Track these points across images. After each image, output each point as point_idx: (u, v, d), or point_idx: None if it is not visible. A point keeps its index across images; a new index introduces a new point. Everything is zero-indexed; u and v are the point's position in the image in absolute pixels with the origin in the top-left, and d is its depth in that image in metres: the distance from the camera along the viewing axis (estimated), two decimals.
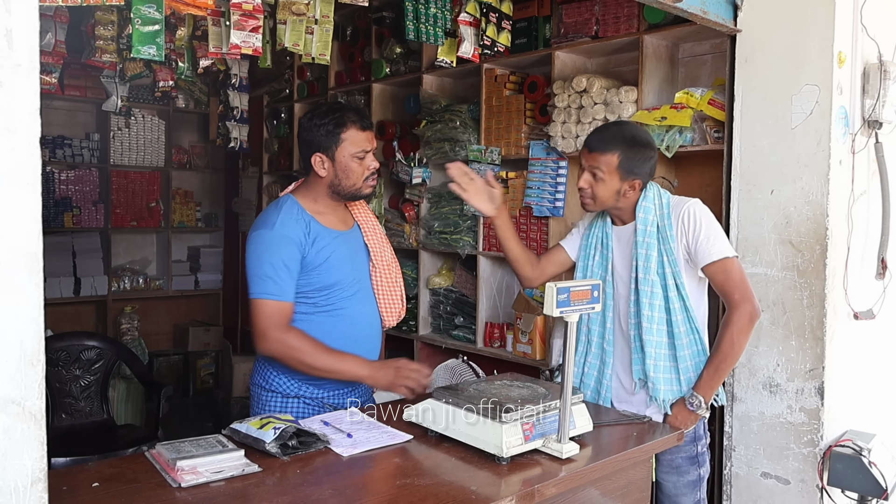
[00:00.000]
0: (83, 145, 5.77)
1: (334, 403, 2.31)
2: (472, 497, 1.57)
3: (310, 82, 5.24)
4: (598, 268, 2.41)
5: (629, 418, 2.17)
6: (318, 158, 2.25)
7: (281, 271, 2.15)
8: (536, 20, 3.62)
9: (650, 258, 2.25)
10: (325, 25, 2.94)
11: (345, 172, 2.25)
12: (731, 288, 2.22)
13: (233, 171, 6.42)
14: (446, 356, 3.80)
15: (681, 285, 2.24)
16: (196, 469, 1.62)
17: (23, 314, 1.06)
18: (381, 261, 2.41)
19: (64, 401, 3.93)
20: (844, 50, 2.62)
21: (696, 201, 2.29)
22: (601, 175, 2.26)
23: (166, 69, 4.41)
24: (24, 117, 1.06)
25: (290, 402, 2.29)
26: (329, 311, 2.26)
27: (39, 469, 1.09)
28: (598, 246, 2.41)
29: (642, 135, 2.32)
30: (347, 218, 2.40)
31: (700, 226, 2.23)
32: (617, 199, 2.30)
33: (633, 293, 2.29)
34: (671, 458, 2.32)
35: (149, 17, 2.49)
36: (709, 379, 2.23)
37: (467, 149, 3.88)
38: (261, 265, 2.16)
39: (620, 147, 2.25)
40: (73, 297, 5.65)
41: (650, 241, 2.26)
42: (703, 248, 2.22)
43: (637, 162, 2.25)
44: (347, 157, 2.24)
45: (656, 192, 2.31)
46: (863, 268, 2.84)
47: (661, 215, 2.27)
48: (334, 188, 2.28)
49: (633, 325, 2.30)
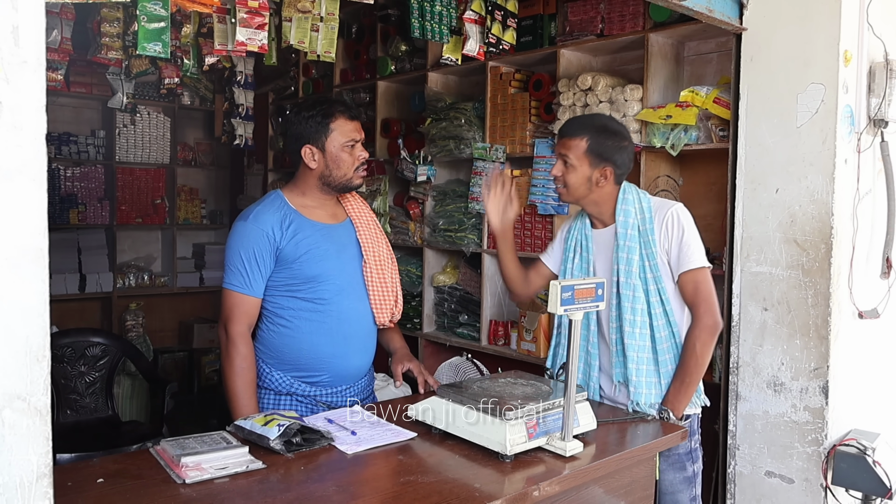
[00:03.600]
0: (89, 142, 5.78)
1: (329, 402, 2.30)
2: (475, 494, 1.58)
3: (315, 80, 5.24)
4: (577, 270, 2.40)
5: (633, 416, 2.17)
6: (308, 150, 2.26)
7: (248, 264, 2.20)
8: (542, 18, 3.61)
9: (631, 262, 2.24)
10: (331, 23, 2.94)
11: (335, 163, 2.26)
12: (699, 299, 2.23)
13: (238, 169, 6.43)
14: (451, 354, 3.80)
15: (662, 289, 2.23)
16: (200, 465, 1.62)
17: (28, 310, 1.07)
18: (373, 256, 2.38)
19: (69, 397, 3.94)
20: (850, 48, 2.61)
21: (680, 205, 2.29)
22: (571, 161, 2.26)
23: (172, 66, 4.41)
24: (31, 114, 1.06)
25: (282, 399, 2.29)
26: (317, 306, 2.25)
27: (45, 465, 1.10)
28: (578, 248, 2.40)
29: (614, 124, 2.34)
30: (339, 212, 2.39)
31: (683, 231, 2.23)
32: (589, 188, 2.28)
33: (615, 297, 2.27)
34: (667, 454, 2.31)
35: (155, 15, 2.49)
36: (676, 393, 2.23)
37: (472, 146, 3.88)
38: (231, 256, 2.23)
39: (589, 132, 2.26)
40: (79, 294, 5.66)
41: (631, 244, 2.25)
42: (685, 254, 2.22)
43: (607, 147, 2.25)
44: (338, 148, 2.25)
45: (635, 195, 2.30)
46: (868, 267, 2.83)
47: (641, 218, 2.26)
48: (325, 180, 2.29)
49: (615, 329, 2.28)
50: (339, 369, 2.30)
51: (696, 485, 2.36)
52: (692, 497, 2.35)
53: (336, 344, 2.27)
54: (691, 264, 2.21)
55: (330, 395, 2.30)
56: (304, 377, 2.28)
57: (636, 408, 2.23)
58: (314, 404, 2.28)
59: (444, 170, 4.24)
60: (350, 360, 2.32)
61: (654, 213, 2.27)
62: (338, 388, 2.32)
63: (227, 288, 2.22)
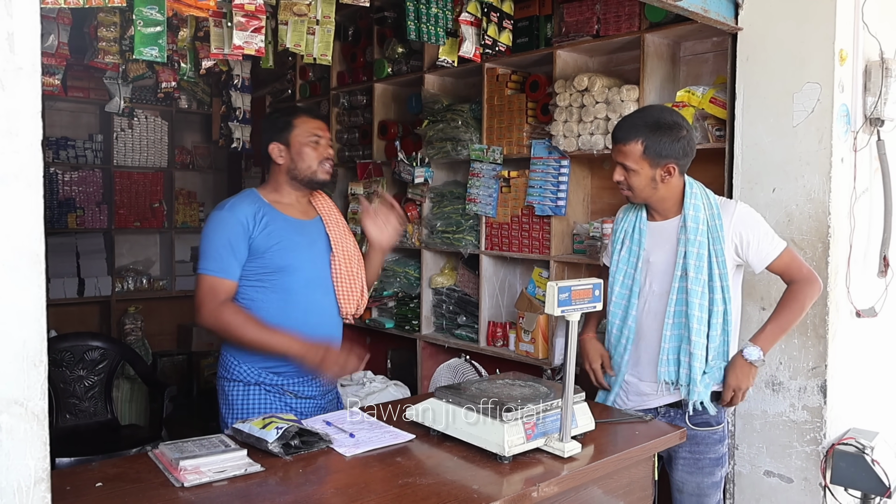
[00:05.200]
0: (86, 146, 5.79)
1: (295, 391, 2.35)
2: (473, 496, 1.58)
3: (312, 83, 5.24)
4: (623, 262, 2.35)
5: (631, 417, 2.17)
6: (276, 147, 2.40)
7: (224, 250, 2.26)
8: (538, 19, 3.62)
9: (702, 256, 2.20)
10: (327, 26, 2.95)
11: (300, 156, 2.38)
12: (798, 268, 2.26)
13: (235, 172, 6.42)
14: (449, 355, 3.80)
15: (725, 287, 2.20)
16: (199, 469, 1.62)
17: (25, 314, 1.07)
18: (341, 251, 2.47)
19: (68, 401, 3.94)
20: (846, 47, 2.62)
21: (745, 204, 2.30)
22: (631, 166, 2.21)
23: (169, 70, 4.42)
24: (26, 120, 1.07)
25: (251, 391, 2.33)
26: (284, 296, 2.31)
27: (42, 469, 1.10)
28: (626, 240, 2.35)
29: (667, 116, 2.23)
30: (309, 210, 2.49)
31: (758, 227, 2.24)
32: (655, 187, 2.23)
33: (679, 292, 2.22)
34: (697, 458, 2.29)
35: (151, 19, 2.49)
36: (771, 332, 2.25)
37: (469, 148, 3.88)
38: (207, 243, 2.28)
39: (643, 133, 2.19)
40: (77, 298, 5.66)
41: (701, 238, 2.20)
42: (766, 244, 2.23)
43: (664, 145, 2.18)
44: (300, 143, 2.38)
45: (702, 190, 2.27)
46: (865, 266, 2.84)
47: (710, 214, 2.23)
48: (292, 174, 2.40)
49: (674, 325, 2.23)
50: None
51: (720, 489, 2.37)
52: (718, 501, 2.35)
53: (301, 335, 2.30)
54: (777, 250, 2.24)
55: (297, 385, 2.36)
56: (271, 367, 2.32)
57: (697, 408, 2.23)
58: (282, 393, 2.34)
59: (442, 171, 4.24)
60: None
61: (721, 210, 2.25)
62: (304, 377, 2.36)
63: (204, 273, 2.26)
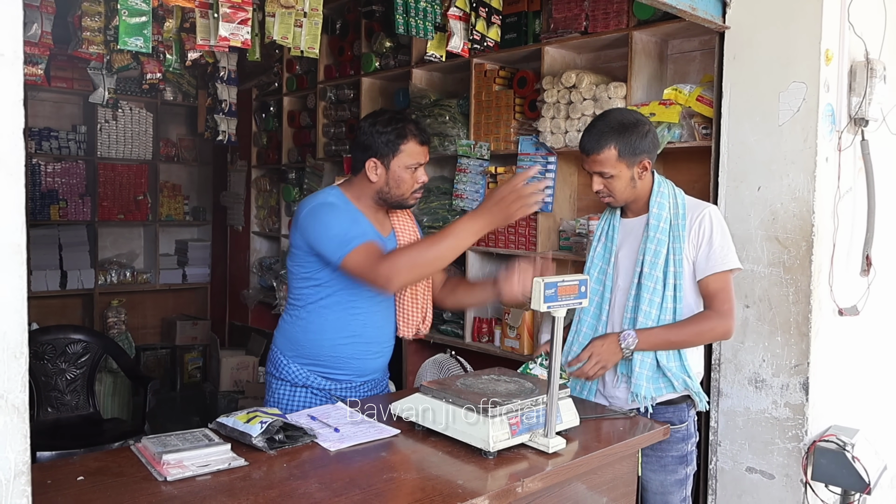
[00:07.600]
0: (70, 137, 5.73)
1: (343, 396, 2.29)
2: (458, 491, 1.58)
3: (299, 76, 5.22)
4: (598, 259, 2.40)
5: (615, 413, 2.17)
6: (373, 164, 2.27)
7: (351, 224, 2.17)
8: (526, 15, 3.62)
9: (658, 254, 2.24)
10: (315, 18, 2.92)
11: (396, 182, 2.27)
12: (724, 300, 2.24)
13: (221, 165, 6.39)
14: (434, 351, 3.80)
15: (678, 286, 2.24)
16: (182, 463, 1.61)
17: (6, 305, 1.06)
18: None
19: (50, 394, 3.91)
20: (832, 48, 2.63)
21: (715, 207, 2.31)
22: (609, 171, 2.24)
23: (154, 61, 4.37)
24: (7, 108, 1.05)
25: (298, 392, 2.32)
26: (347, 307, 2.27)
27: (23, 462, 1.08)
28: (602, 237, 2.41)
29: (627, 115, 2.30)
30: (386, 223, 2.40)
31: (719, 234, 2.25)
32: (634, 186, 2.28)
33: (635, 287, 2.27)
34: (660, 455, 2.32)
35: (136, 9, 2.46)
36: (657, 336, 2.22)
37: (457, 143, 3.88)
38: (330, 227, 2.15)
39: (613, 138, 2.22)
40: (60, 291, 5.62)
41: (661, 237, 2.24)
42: (716, 255, 2.23)
43: (635, 143, 2.23)
44: (401, 168, 2.26)
45: (671, 189, 2.31)
46: (848, 264, 2.86)
47: (675, 213, 2.26)
48: (382, 195, 2.30)
49: (629, 320, 2.29)
50: (356, 369, 2.35)
51: (687, 486, 2.38)
52: (682, 498, 2.36)
53: (357, 346, 2.31)
54: (725, 265, 2.23)
55: (345, 390, 2.33)
56: (322, 372, 2.31)
57: (634, 399, 2.25)
58: (329, 398, 2.31)
59: (429, 167, 4.20)
60: (368, 362, 2.37)
61: (687, 210, 2.27)
62: (354, 383, 2.35)
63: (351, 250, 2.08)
